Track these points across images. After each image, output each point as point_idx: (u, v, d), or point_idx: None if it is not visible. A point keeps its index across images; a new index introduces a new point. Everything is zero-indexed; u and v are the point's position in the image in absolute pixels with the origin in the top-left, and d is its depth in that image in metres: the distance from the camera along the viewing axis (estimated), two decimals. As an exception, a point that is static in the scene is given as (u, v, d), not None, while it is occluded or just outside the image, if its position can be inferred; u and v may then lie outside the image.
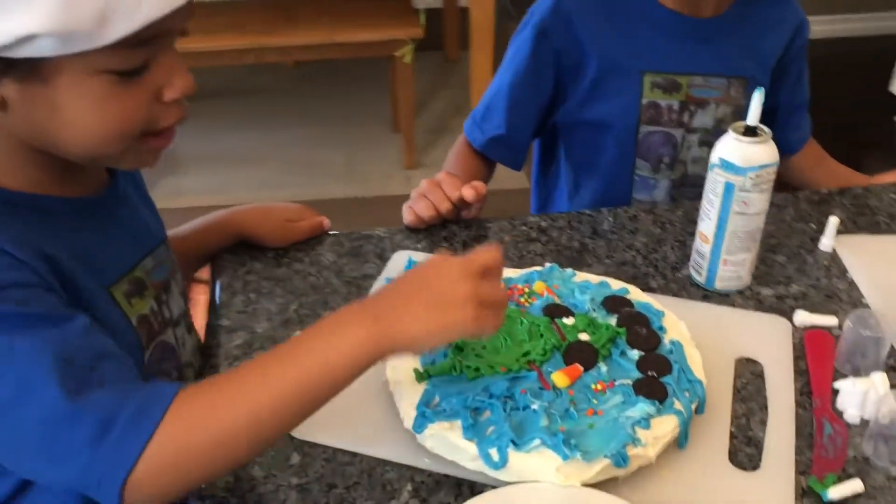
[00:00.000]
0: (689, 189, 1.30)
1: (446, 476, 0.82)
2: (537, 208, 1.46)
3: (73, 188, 0.79)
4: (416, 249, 1.11)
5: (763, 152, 0.96)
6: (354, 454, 0.84)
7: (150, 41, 0.68)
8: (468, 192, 1.12)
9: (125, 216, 0.85)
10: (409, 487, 0.81)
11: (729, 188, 0.97)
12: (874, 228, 1.17)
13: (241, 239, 1.10)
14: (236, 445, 0.67)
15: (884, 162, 1.44)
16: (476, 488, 0.81)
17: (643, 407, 0.82)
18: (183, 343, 0.92)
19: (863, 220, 1.19)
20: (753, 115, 0.95)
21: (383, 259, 1.10)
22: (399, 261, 1.08)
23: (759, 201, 0.98)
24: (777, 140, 1.34)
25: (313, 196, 2.88)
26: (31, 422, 0.63)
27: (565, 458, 0.77)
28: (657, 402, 0.82)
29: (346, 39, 2.69)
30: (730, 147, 0.96)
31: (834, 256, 1.11)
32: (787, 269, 1.09)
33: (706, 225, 1.01)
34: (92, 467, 0.62)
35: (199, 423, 0.65)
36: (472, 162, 1.31)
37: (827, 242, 1.12)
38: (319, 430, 0.85)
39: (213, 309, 1.03)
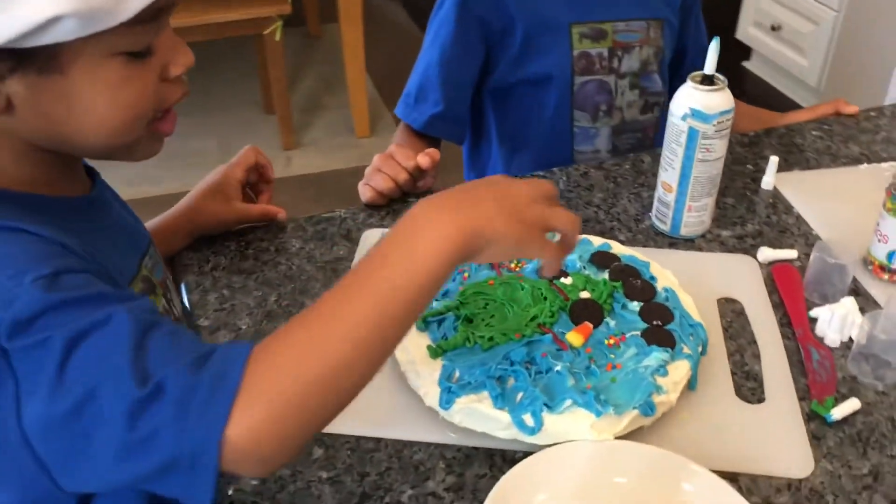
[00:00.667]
0: (628, 135, 1.35)
1: (475, 448, 0.82)
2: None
3: (64, 188, 0.74)
4: (383, 226, 1.09)
5: (722, 99, 0.99)
6: (378, 439, 0.82)
7: (156, 16, 0.66)
8: (423, 160, 1.11)
9: (115, 215, 0.80)
10: (441, 465, 0.80)
11: (693, 136, 1.00)
12: (805, 164, 1.24)
13: (193, 237, 1.05)
14: (336, 383, 0.59)
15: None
16: (507, 456, 0.81)
17: (658, 355, 0.84)
18: None
19: (793, 157, 1.25)
20: (711, 65, 0.99)
21: (351, 240, 1.07)
22: (371, 240, 1.06)
23: (720, 147, 1.02)
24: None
25: (185, 188, 2.76)
26: (107, 419, 0.56)
27: (598, 414, 0.78)
28: (669, 349, 0.85)
29: (217, 19, 2.59)
30: (691, 96, 0.99)
31: (776, 194, 1.17)
32: (738, 210, 1.14)
33: (669, 174, 1.04)
34: (180, 444, 0.55)
35: (286, 370, 0.58)
36: (417, 144, 1.30)
37: (768, 181, 1.18)
38: (337, 419, 0.83)
39: (184, 312, 0.98)
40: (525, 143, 1.35)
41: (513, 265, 0.95)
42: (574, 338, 0.85)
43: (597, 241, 1.00)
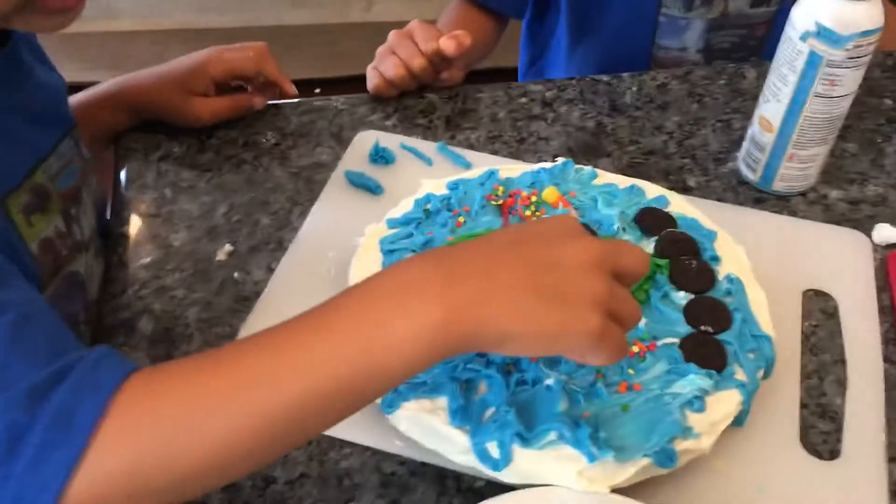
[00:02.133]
0: (728, 31, 1.04)
1: (424, 465, 0.61)
2: (526, 64, 1.19)
3: None
4: (385, 129, 0.85)
5: (867, 13, 0.69)
6: (301, 432, 0.62)
7: None
8: (447, 44, 0.85)
9: (19, 89, 0.59)
10: (373, 480, 0.60)
11: (813, 62, 0.71)
12: (966, 106, 0.93)
13: (141, 118, 0.83)
14: (222, 468, 0.44)
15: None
16: (464, 483, 0.60)
17: (695, 380, 0.59)
18: (91, 274, 0.68)
19: (952, 94, 0.94)
20: (858, -40, 0.69)
21: (341, 141, 0.84)
22: (363, 146, 0.82)
23: (850, 81, 0.73)
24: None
25: (257, 23, 2.51)
26: None
27: (592, 459, 0.56)
28: (714, 373, 0.60)
29: None
30: (821, 3, 0.70)
31: (918, 145, 0.88)
32: (860, 163, 0.85)
33: (772, 107, 0.76)
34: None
35: (169, 432, 0.42)
36: (468, 16, 1.04)
37: (910, 126, 0.88)
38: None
39: (113, 210, 0.78)
40: (597, 28, 1.07)
41: (528, 213, 0.70)
42: (583, 337, 0.61)
43: (651, 191, 0.74)
